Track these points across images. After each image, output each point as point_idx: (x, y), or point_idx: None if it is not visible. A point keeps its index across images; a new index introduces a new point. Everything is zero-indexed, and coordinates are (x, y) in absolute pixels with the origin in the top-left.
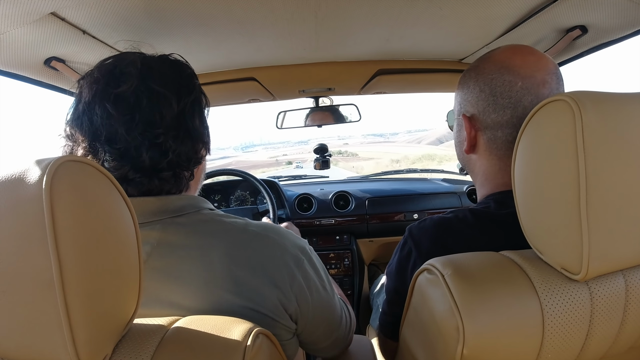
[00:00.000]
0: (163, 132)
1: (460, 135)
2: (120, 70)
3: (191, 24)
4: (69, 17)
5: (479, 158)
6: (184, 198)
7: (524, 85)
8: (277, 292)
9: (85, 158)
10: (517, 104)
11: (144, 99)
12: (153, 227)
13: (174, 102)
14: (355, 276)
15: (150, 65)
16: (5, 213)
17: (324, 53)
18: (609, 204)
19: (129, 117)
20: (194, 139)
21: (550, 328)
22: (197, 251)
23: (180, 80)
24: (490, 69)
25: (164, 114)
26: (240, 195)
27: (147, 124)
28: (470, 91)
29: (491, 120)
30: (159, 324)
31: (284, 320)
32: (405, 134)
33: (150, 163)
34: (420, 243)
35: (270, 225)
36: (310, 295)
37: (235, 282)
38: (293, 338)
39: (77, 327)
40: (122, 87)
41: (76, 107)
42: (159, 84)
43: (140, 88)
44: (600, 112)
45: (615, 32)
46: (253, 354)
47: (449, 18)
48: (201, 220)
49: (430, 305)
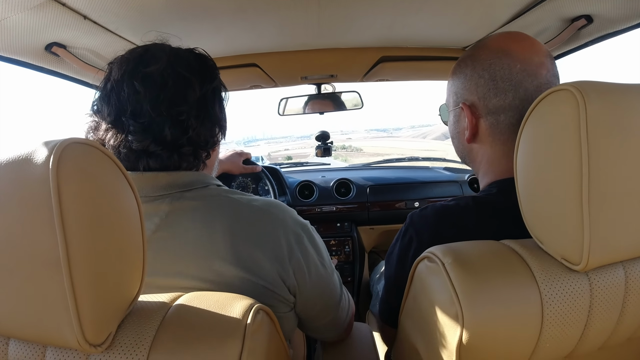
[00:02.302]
0: (186, 110)
1: (459, 126)
2: (151, 54)
3: (192, 9)
4: (69, 2)
5: (481, 146)
6: (193, 174)
7: (523, 67)
8: (276, 265)
9: (90, 140)
10: (517, 86)
11: (170, 80)
12: (163, 200)
13: (197, 87)
14: (356, 263)
15: (178, 53)
16: (12, 194)
17: (327, 39)
18: (610, 195)
19: (155, 95)
20: (212, 122)
21: (549, 317)
22: (202, 223)
23: (204, 69)
24: (487, 55)
25: (188, 96)
26: (242, 181)
27: (172, 102)
28: (467, 79)
29: (492, 105)
30: (161, 302)
31: (282, 292)
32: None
33: (171, 138)
34: (421, 231)
35: (273, 202)
36: (309, 271)
37: (237, 254)
38: (291, 312)
39: (82, 306)
40: (151, 67)
41: (105, 86)
42: (185, 69)
43: (168, 70)
44: (605, 103)
45: (621, 22)
46: (254, 329)
47: (452, 5)
48: (208, 194)
49: (430, 293)
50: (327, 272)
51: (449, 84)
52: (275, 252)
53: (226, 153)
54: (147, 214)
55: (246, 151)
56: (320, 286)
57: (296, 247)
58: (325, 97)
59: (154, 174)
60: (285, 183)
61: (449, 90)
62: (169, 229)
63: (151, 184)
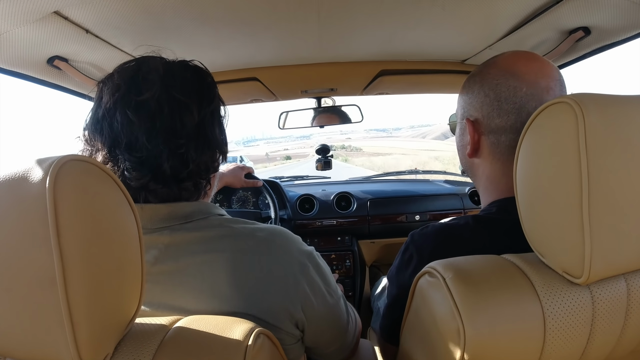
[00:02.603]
0: (185, 142)
1: (463, 139)
2: (142, 76)
3: (193, 23)
4: (71, 16)
5: (482, 162)
6: (193, 205)
7: (529, 91)
8: (281, 298)
9: (88, 157)
10: (521, 109)
11: (165, 107)
12: (162, 232)
13: (195, 111)
14: (357, 277)
15: (172, 72)
16: (9, 211)
17: (327, 53)
18: (611, 207)
19: (150, 124)
20: (212, 148)
21: (551, 332)
22: (203, 256)
23: (202, 89)
24: (495, 74)
25: (185, 122)
26: (242, 195)
27: (169, 132)
28: (474, 96)
29: (495, 125)
30: (160, 324)
31: (287, 327)
32: (409, 129)
33: (171, 172)
34: (421, 249)
35: (277, 231)
36: (316, 301)
37: (239, 288)
38: (297, 343)
39: (79, 326)
40: (144, 94)
41: (95, 111)
42: (181, 92)
43: (163, 96)
44: (603, 115)
45: (618, 33)
46: (254, 353)
47: (451, 19)
48: (209, 225)
49: (431, 308)
50: (334, 300)
51: (459, 97)
52: (281, 284)
53: (228, 166)
54: (145, 246)
55: (248, 165)
56: (328, 316)
57: (302, 278)
58: (325, 110)
59: (153, 207)
60: (285, 197)
61: (459, 103)
62: (168, 263)
63: (149, 216)
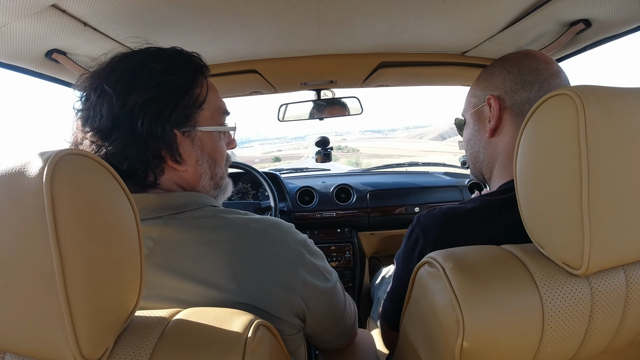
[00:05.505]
0: (103, 135)
1: (479, 124)
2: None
3: (192, 15)
4: (69, 9)
5: (502, 138)
6: (186, 195)
7: (547, 67)
8: (280, 289)
9: (85, 151)
10: (543, 81)
11: (92, 97)
12: (154, 222)
13: (117, 103)
14: (356, 269)
15: (130, 62)
16: (6, 206)
17: (326, 45)
18: (610, 199)
19: (85, 115)
20: (138, 141)
21: (550, 322)
22: (198, 248)
23: (143, 78)
24: (516, 56)
25: (103, 114)
26: (242, 187)
27: (91, 126)
28: (495, 76)
29: (519, 97)
30: (160, 317)
31: (287, 317)
32: (404, 130)
33: (115, 165)
34: (427, 230)
35: (271, 221)
36: (314, 286)
37: (237, 280)
38: (297, 334)
39: (78, 321)
40: None
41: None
42: (109, 83)
43: (96, 87)
44: (604, 107)
45: (619, 26)
46: (254, 345)
47: (451, 10)
48: (203, 216)
49: (430, 298)
50: (332, 283)
51: (470, 90)
52: (279, 275)
53: None
54: None
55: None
56: (327, 299)
57: (299, 266)
58: (325, 103)
59: (143, 195)
60: (285, 189)
61: (469, 95)
62: (163, 255)
63: (140, 206)
